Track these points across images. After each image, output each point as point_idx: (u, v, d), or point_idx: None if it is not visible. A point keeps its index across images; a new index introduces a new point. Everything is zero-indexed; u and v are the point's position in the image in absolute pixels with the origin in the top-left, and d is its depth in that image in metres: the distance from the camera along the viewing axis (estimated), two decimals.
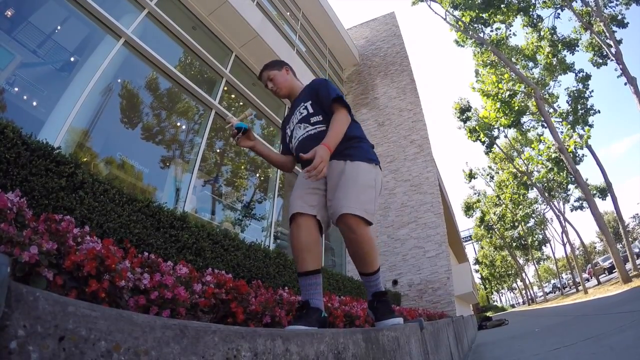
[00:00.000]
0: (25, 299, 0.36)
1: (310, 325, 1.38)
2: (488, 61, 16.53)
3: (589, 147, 15.35)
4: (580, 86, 15.98)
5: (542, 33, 15.82)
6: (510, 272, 41.87)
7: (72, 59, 4.27)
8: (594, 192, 19.91)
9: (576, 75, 16.15)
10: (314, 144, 1.55)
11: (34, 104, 3.81)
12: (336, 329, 1.19)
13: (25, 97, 3.73)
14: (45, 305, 0.38)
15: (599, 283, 16.91)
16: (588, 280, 23.39)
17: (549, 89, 17.39)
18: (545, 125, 15.15)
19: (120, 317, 0.44)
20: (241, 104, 7.18)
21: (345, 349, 0.99)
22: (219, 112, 5.95)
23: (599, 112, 15.71)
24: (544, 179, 19.52)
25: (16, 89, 3.59)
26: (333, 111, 1.72)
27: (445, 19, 16.28)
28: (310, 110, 1.80)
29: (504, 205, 27.41)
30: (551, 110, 16.30)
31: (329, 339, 0.92)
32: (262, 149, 1.92)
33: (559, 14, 15.51)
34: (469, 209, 31.66)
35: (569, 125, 15.71)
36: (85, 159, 4.00)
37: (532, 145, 19.86)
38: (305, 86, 1.98)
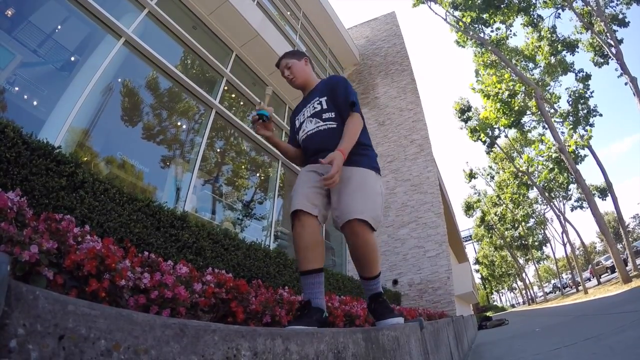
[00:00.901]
0: (25, 298, 0.36)
1: (309, 325, 1.37)
2: (488, 61, 16.53)
3: (590, 147, 15.36)
4: (581, 86, 15.98)
5: (542, 33, 15.81)
6: (510, 272, 41.87)
7: (72, 58, 4.27)
8: (594, 192, 19.91)
9: (576, 75, 16.15)
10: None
11: (35, 103, 3.81)
12: (336, 329, 1.19)
13: (25, 97, 3.73)
14: (45, 304, 0.38)
15: (599, 283, 16.91)
16: (590, 279, 23.37)
17: (550, 89, 17.38)
18: (546, 125, 15.15)
19: (120, 316, 0.44)
20: (242, 103, 7.18)
21: (345, 348, 0.99)
22: (219, 112, 5.95)
23: (601, 115, 15.71)
24: (545, 180, 19.51)
25: (16, 89, 3.59)
26: (347, 114, 1.74)
27: (445, 20, 16.28)
28: (324, 107, 1.81)
29: (504, 205, 27.42)
30: (552, 110, 16.29)
31: (328, 338, 0.92)
32: (278, 141, 1.94)
33: (559, 14, 15.51)
34: (469, 208, 31.68)
35: (571, 126, 15.71)
36: (85, 159, 4.00)
37: (533, 146, 19.86)
38: (322, 80, 1.99)
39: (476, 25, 15.77)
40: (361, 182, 1.65)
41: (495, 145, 20.51)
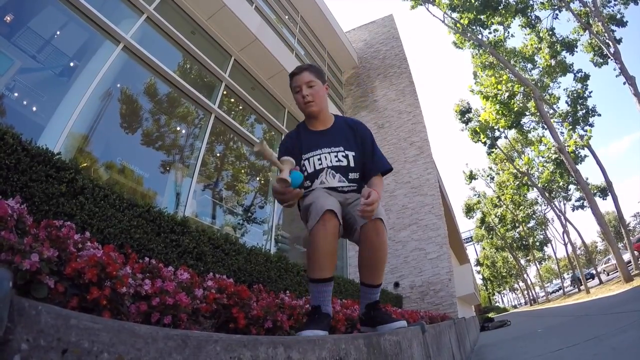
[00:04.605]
0: (27, 313, 0.36)
1: (322, 329, 1.38)
2: (487, 63, 16.56)
3: (589, 147, 15.38)
4: (579, 86, 16.01)
5: (540, 34, 15.84)
6: (512, 273, 41.84)
7: (71, 64, 4.27)
8: (595, 191, 19.90)
9: (575, 75, 16.18)
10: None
11: (34, 109, 3.81)
12: (338, 335, 1.19)
13: (24, 103, 3.73)
14: (48, 319, 0.38)
15: (601, 282, 16.92)
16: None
17: (549, 90, 17.40)
18: (545, 126, 15.18)
19: (123, 329, 0.44)
20: (241, 107, 7.19)
21: (347, 354, 0.99)
22: (218, 117, 5.95)
23: (600, 115, 15.75)
24: (545, 182, 19.53)
25: (16, 95, 3.60)
26: (375, 174, 1.71)
27: (443, 22, 16.32)
28: (352, 164, 1.69)
29: (504, 206, 27.42)
30: (551, 111, 16.32)
31: (330, 345, 0.92)
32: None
33: (557, 14, 15.55)
34: (469, 210, 31.67)
35: (570, 126, 15.73)
36: (85, 164, 4.00)
37: (533, 147, 19.88)
38: (342, 120, 1.83)
39: (474, 27, 15.81)
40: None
41: (496, 146, 20.54)
